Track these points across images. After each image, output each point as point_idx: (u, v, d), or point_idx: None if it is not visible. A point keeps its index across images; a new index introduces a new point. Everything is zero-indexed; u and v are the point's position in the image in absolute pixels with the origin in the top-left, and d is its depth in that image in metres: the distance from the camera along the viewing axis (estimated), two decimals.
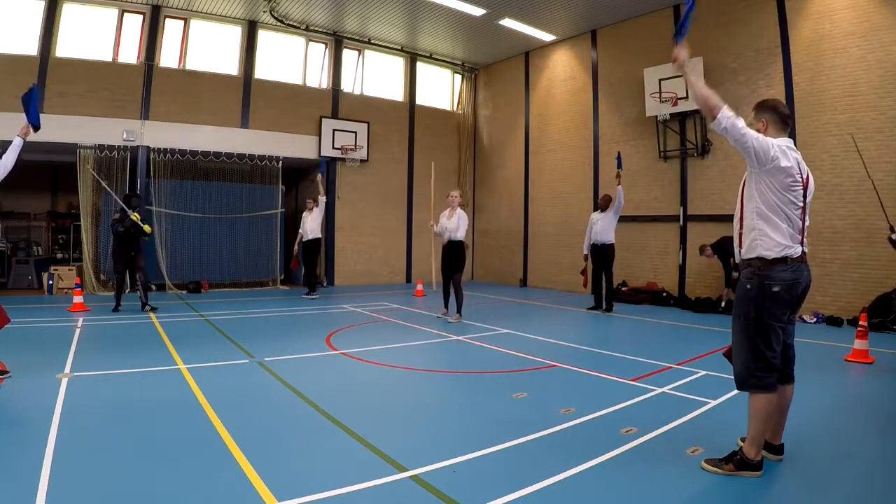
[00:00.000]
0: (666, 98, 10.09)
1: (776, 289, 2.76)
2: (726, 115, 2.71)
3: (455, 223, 7.97)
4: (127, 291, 10.31)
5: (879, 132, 7.92)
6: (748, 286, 2.82)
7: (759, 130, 2.90)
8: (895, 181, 7.06)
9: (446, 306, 8.50)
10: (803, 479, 2.89)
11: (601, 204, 9.26)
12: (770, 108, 2.96)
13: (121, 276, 8.41)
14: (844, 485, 2.83)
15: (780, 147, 2.79)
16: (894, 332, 6.96)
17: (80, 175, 10.21)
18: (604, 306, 9.19)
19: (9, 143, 4.62)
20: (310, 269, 10.57)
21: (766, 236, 2.80)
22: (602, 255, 9.09)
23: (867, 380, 5.13)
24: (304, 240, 10.53)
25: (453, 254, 8.05)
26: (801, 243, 2.84)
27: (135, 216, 8.14)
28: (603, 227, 9.05)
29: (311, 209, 10.47)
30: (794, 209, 2.81)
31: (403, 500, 2.59)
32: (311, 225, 10.39)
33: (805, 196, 2.87)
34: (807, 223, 2.91)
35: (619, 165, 9.21)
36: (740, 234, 2.96)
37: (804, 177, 2.88)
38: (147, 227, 8.27)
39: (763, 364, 2.81)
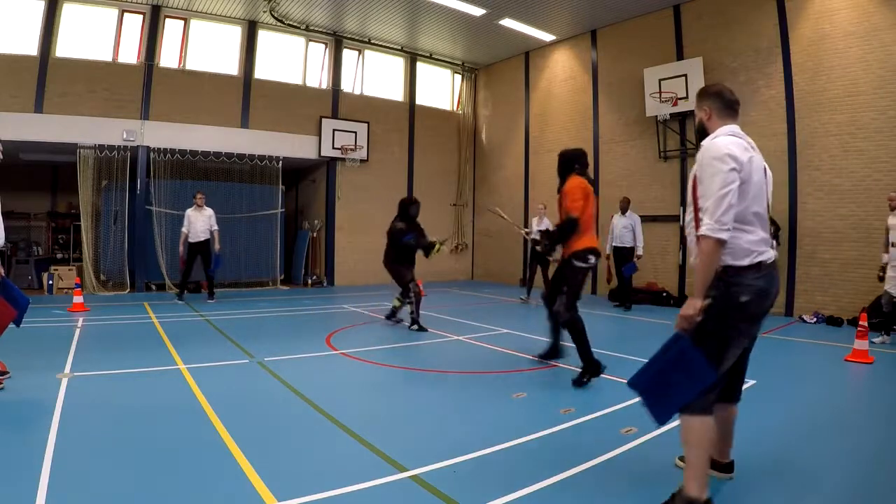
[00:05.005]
0: (666, 98, 10.08)
1: (745, 299, 2.33)
2: (715, 236, 2.28)
3: (543, 228, 9.58)
4: (127, 291, 10.32)
5: (879, 132, 7.92)
6: (713, 293, 2.35)
7: (702, 120, 2.64)
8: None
9: (528, 294, 10.34)
10: (805, 480, 2.89)
11: (621, 206, 9.59)
12: (714, 94, 2.60)
13: (415, 283, 7.46)
14: (846, 486, 2.83)
15: (730, 155, 2.35)
16: (894, 332, 6.96)
17: (80, 175, 10.20)
18: (626, 305, 9.59)
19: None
20: (189, 271, 9.68)
21: (736, 243, 2.35)
22: (623, 257, 9.47)
23: (867, 380, 5.13)
24: (190, 241, 9.53)
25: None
26: (772, 245, 2.49)
27: (436, 241, 7.58)
28: (623, 230, 9.47)
29: (200, 207, 9.60)
30: (762, 209, 2.45)
31: (403, 500, 2.60)
32: (201, 226, 9.59)
33: (767, 190, 2.52)
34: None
35: (631, 270, 9.50)
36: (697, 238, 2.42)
37: (766, 170, 2.54)
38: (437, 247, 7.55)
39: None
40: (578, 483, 2.79)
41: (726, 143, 2.40)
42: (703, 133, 2.63)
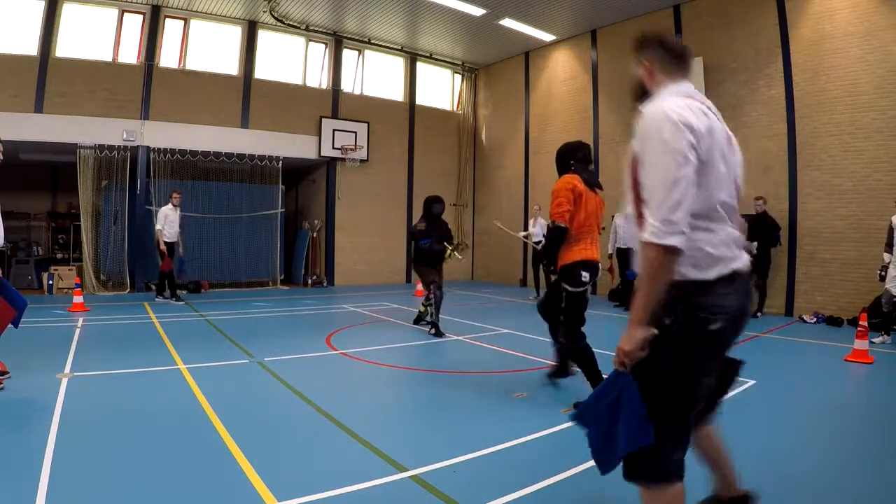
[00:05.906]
0: None
1: (715, 326, 1.67)
2: (663, 243, 1.59)
3: (537, 230, 10.22)
4: (127, 291, 10.31)
5: (879, 132, 7.92)
6: (667, 321, 1.70)
7: (643, 79, 1.90)
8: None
9: (538, 293, 10.54)
10: (803, 483, 2.88)
11: None
12: (655, 43, 1.86)
13: (438, 286, 6.99)
14: (847, 489, 2.82)
15: (684, 122, 1.61)
16: (894, 332, 6.96)
17: (80, 175, 10.20)
18: (627, 305, 9.56)
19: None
20: (173, 271, 9.58)
21: (697, 248, 1.67)
22: (627, 259, 9.33)
23: (867, 380, 5.13)
24: (166, 240, 9.34)
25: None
26: (744, 245, 1.82)
27: (449, 247, 7.06)
28: (627, 231, 9.40)
29: (176, 207, 9.45)
30: (730, 196, 1.75)
31: (403, 500, 2.60)
32: (178, 227, 9.53)
33: (735, 171, 1.80)
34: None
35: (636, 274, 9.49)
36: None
37: (731, 141, 1.81)
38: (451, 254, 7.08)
39: (669, 440, 1.73)
40: (579, 483, 2.79)
41: (676, 106, 1.66)
42: (643, 95, 1.89)
